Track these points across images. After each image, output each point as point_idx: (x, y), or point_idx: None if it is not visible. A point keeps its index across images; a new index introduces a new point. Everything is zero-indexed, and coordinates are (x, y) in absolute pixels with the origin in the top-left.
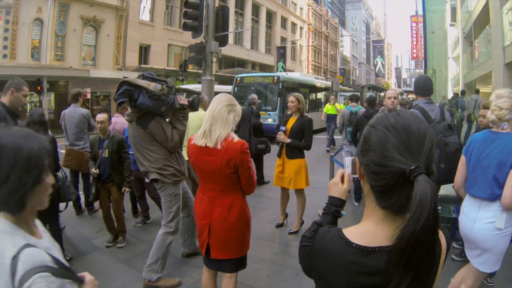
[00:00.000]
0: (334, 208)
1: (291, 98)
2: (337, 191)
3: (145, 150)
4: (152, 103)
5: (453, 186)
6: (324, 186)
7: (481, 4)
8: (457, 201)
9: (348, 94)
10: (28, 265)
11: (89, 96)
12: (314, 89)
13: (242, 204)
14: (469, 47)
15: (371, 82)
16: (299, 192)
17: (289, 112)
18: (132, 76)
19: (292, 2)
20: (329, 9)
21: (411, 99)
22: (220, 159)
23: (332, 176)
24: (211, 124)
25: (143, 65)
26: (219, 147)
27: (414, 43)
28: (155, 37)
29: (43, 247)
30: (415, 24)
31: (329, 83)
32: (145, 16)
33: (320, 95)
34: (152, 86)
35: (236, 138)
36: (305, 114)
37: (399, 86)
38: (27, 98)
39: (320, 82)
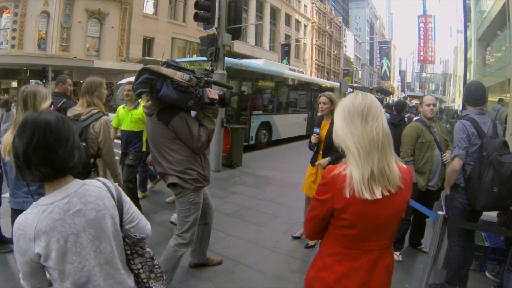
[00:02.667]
0: None
1: (322, 98)
2: None
3: (165, 149)
4: (178, 96)
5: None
6: None
7: (497, 8)
8: (491, 227)
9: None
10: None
11: None
12: (282, 85)
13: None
14: (483, 51)
15: (374, 85)
16: None
17: (319, 114)
18: (135, 68)
19: None
20: (333, 8)
21: (413, 103)
22: (401, 200)
23: None
24: (378, 157)
25: (146, 57)
26: (402, 185)
27: (422, 45)
28: (159, 30)
29: None
30: (423, 24)
31: (318, 80)
32: (149, 9)
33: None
34: (179, 75)
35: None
36: None
37: (402, 90)
38: (71, 86)
39: (296, 75)
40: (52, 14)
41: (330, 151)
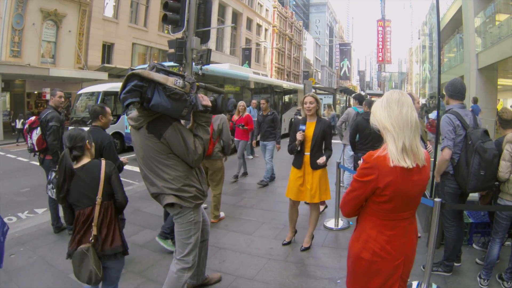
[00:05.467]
0: None
1: (308, 98)
2: None
3: (159, 166)
4: (172, 104)
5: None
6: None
7: (449, 16)
8: (485, 206)
9: (323, 96)
10: None
11: (48, 96)
12: (247, 88)
13: None
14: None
15: (333, 85)
16: (316, 205)
17: (301, 116)
18: (94, 76)
19: (258, 3)
20: (293, 12)
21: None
22: (426, 175)
23: (339, 183)
24: (414, 136)
25: (106, 65)
26: (425, 163)
27: (380, 46)
28: (119, 35)
29: None
30: (381, 28)
31: (282, 82)
32: (109, 11)
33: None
34: (171, 81)
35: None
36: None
37: (362, 89)
38: (62, 98)
39: (260, 79)
40: (1, 13)
41: (318, 150)
